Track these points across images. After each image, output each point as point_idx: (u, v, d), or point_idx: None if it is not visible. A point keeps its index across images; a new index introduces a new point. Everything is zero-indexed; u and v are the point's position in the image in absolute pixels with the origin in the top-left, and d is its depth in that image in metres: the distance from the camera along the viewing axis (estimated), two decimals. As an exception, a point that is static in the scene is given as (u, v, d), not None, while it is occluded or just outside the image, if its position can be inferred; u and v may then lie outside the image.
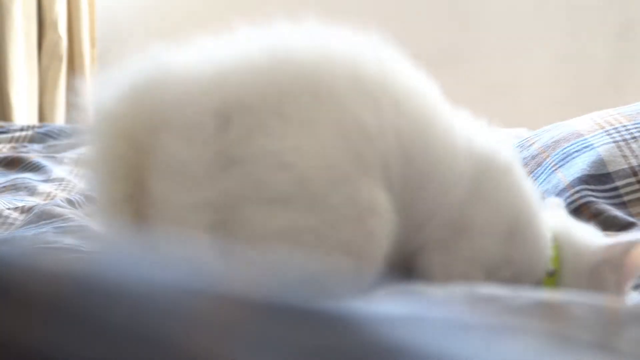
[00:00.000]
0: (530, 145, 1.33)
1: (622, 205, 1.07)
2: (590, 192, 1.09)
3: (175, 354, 0.28)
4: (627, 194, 1.08)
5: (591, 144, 1.18)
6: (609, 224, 1.02)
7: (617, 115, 1.23)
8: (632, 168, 1.11)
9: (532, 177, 1.22)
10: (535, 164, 1.25)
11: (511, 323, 0.49)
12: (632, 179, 1.09)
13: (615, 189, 1.09)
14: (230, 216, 0.65)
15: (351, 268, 0.65)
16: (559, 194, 1.12)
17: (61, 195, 1.49)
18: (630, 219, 1.03)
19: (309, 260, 0.62)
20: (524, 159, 1.28)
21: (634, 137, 1.15)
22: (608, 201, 1.08)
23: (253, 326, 0.29)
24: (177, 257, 0.38)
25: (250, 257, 0.58)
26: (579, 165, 1.14)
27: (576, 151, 1.19)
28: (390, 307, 0.39)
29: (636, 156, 1.12)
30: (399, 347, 0.32)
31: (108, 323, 0.30)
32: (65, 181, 1.59)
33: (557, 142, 1.25)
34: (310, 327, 0.30)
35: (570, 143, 1.22)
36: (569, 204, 1.08)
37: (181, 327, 0.29)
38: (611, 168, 1.11)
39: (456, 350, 0.34)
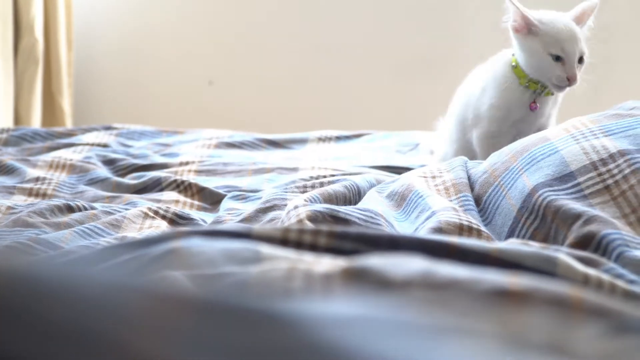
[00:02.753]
0: (502, 151, 1.34)
1: (583, 197, 1.08)
2: (551, 192, 1.10)
3: (112, 352, 0.29)
4: (587, 187, 1.09)
5: (556, 148, 1.19)
6: (565, 217, 1.04)
7: (585, 120, 1.26)
8: (593, 163, 1.12)
9: (499, 181, 1.24)
10: (503, 169, 1.26)
11: (463, 325, 0.50)
12: (593, 174, 1.11)
13: (577, 184, 1.10)
14: None
15: None
16: (525, 200, 1.13)
17: (34, 198, 1.49)
18: (580, 210, 1.04)
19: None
20: (494, 164, 1.29)
21: (597, 137, 1.17)
22: (569, 196, 1.09)
23: (190, 325, 0.30)
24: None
25: None
26: (544, 171, 1.16)
27: (541, 154, 1.20)
28: (338, 307, 0.39)
29: (597, 152, 1.13)
30: (339, 349, 0.32)
31: (46, 322, 0.30)
32: (39, 182, 1.59)
33: (525, 147, 1.26)
34: (248, 326, 0.31)
35: (537, 147, 1.23)
36: (536, 209, 1.10)
37: (118, 325, 0.30)
38: (573, 167, 1.13)
39: (400, 355, 0.34)
